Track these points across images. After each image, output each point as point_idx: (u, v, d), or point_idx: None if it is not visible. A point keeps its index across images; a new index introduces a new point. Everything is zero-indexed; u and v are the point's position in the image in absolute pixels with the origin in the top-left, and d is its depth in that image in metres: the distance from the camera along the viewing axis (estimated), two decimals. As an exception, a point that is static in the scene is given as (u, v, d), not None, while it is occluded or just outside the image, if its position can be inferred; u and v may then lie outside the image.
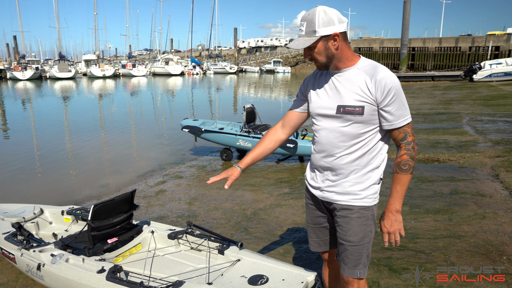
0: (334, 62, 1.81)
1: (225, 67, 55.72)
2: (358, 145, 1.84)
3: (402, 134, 1.80)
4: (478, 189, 4.99)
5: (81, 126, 13.16)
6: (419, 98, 18.21)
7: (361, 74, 1.79)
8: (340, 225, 1.92)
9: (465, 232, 3.75)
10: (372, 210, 1.90)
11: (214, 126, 8.09)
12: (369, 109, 1.77)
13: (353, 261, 1.90)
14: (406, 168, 1.79)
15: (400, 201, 1.83)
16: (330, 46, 1.77)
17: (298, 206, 4.87)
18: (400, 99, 1.76)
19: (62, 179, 7.28)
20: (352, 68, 1.82)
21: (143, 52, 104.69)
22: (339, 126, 1.83)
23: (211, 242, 2.85)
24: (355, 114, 1.78)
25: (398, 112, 1.76)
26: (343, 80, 1.82)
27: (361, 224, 1.88)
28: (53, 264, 2.69)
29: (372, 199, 1.88)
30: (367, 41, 49.01)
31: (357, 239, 1.88)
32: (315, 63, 1.85)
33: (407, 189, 1.83)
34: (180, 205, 5.32)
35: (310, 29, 1.74)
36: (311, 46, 1.78)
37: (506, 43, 37.35)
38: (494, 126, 9.60)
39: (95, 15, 62.43)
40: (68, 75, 44.36)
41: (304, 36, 1.77)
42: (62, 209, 3.74)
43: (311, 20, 1.74)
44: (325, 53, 1.78)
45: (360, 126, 1.80)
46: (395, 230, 1.84)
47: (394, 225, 1.84)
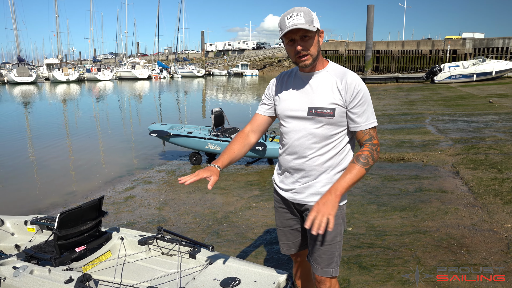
0: (317, 59, 1.82)
1: (192, 70, 55.30)
2: (329, 146, 1.86)
3: (367, 136, 1.83)
4: (440, 186, 5.20)
5: (44, 133, 12.70)
6: (384, 100, 18.75)
7: (331, 76, 1.82)
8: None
9: (429, 227, 3.90)
10: (342, 209, 1.93)
11: (183, 130, 8.03)
12: (339, 111, 1.80)
13: (326, 260, 1.92)
14: (364, 162, 1.78)
15: (344, 187, 1.74)
16: (320, 41, 1.81)
17: (268, 208, 4.91)
18: (367, 103, 1.81)
19: (24, 188, 7.00)
20: (322, 71, 1.84)
21: (108, 56, 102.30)
22: (310, 127, 1.85)
23: (182, 246, 2.83)
24: (327, 116, 1.80)
25: (364, 114, 1.81)
26: (314, 82, 1.84)
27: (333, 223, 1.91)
28: (15, 277, 2.57)
29: (342, 199, 1.90)
30: (333, 44, 50.04)
31: (330, 238, 1.90)
32: (304, 58, 1.77)
33: (354, 183, 1.77)
34: (150, 210, 5.24)
35: (309, 19, 1.72)
36: (309, 35, 1.73)
37: (462, 47, 39.15)
38: (454, 125, 10.03)
39: (56, 17, 60.09)
40: (29, 79, 42.61)
41: (303, 24, 1.69)
42: (25, 218, 3.59)
43: (308, 11, 1.73)
44: (317, 46, 1.79)
45: (331, 128, 1.83)
46: (325, 213, 1.66)
47: (326, 205, 1.68)
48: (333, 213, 1.67)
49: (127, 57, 74.40)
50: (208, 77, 55.07)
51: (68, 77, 45.41)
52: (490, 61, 27.92)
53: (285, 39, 1.77)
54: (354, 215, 4.38)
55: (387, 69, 43.45)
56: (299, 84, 1.89)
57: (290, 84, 1.93)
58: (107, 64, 64.86)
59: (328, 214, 1.66)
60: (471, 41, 39.20)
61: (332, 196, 1.71)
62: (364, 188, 5.33)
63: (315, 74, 1.85)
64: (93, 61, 64.68)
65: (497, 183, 5.05)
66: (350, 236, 3.82)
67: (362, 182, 5.58)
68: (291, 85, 1.93)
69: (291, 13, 1.72)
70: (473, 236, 3.64)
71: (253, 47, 77.28)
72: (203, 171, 1.85)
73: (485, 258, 3.22)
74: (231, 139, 7.47)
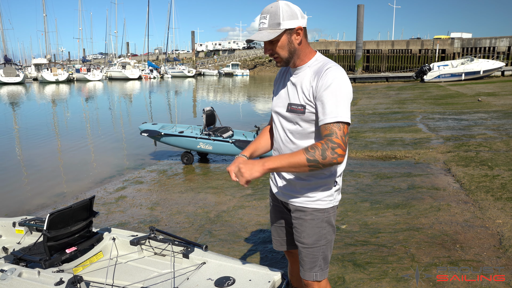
0: (294, 58, 1.75)
1: (183, 70, 55.09)
2: (308, 144, 1.74)
3: (327, 131, 1.60)
4: (432, 183, 5.22)
5: (33, 133, 12.52)
6: (375, 98, 18.86)
7: (310, 72, 1.75)
8: (295, 227, 1.89)
9: (423, 224, 3.90)
10: (327, 212, 1.84)
11: (174, 130, 7.96)
12: (310, 108, 1.71)
13: (308, 263, 1.87)
14: (310, 152, 1.57)
15: (274, 165, 1.61)
16: (293, 40, 1.71)
17: (261, 207, 4.88)
18: (337, 96, 1.62)
19: (12, 189, 6.88)
20: (304, 66, 1.77)
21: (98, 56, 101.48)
22: (288, 124, 1.81)
23: (175, 246, 2.78)
24: (299, 113, 1.74)
25: (329, 107, 1.62)
26: (296, 78, 1.79)
27: (314, 226, 1.83)
28: (3, 280, 2.50)
29: (327, 202, 1.82)
30: (323, 44, 50.26)
31: (311, 241, 1.84)
32: (276, 59, 1.77)
33: (287, 167, 1.61)
34: (141, 210, 5.17)
35: (274, 22, 1.66)
36: (274, 40, 1.69)
37: (451, 46, 39.64)
38: (444, 123, 10.11)
39: (44, 17, 59.39)
40: (16, 79, 42.04)
41: (267, 29, 1.68)
42: (14, 220, 3.51)
43: (275, 12, 1.66)
44: (288, 48, 1.71)
45: (307, 125, 1.75)
46: (242, 170, 1.61)
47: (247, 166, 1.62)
48: (246, 175, 1.60)
49: (117, 57, 73.81)
50: (198, 77, 54.91)
51: (57, 77, 44.88)
52: (478, 60, 28.28)
53: None
54: (347, 213, 4.37)
55: (377, 69, 43.75)
56: (287, 80, 1.86)
57: (283, 80, 1.91)
58: (96, 64, 64.28)
59: (241, 173, 1.61)
60: (459, 41, 39.68)
61: (258, 164, 1.61)
62: (357, 186, 5.33)
63: (300, 69, 1.79)
64: (82, 61, 64.10)
65: (488, 180, 5.09)
66: (344, 234, 3.81)
67: (354, 180, 5.59)
68: (283, 81, 1.91)
69: (261, 15, 1.70)
70: (466, 232, 3.66)
71: (244, 47, 77.19)
72: (232, 165, 1.74)
73: (478, 254, 3.23)
74: (222, 138, 7.44)
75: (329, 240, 1.87)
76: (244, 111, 18.53)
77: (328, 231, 1.86)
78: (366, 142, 8.16)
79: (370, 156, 7.09)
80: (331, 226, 1.87)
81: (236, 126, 9.19)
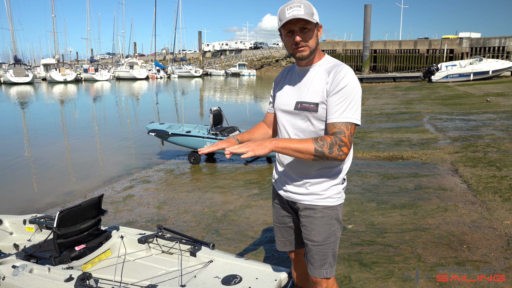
0: (315, 53, 1.79)
1: (190, 70, 55.26)
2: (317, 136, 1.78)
3: (336, 129, 1.67)
4: (439, 183, 5.20)
5: (42, 132, 12.65)
6: (382, 99, 18.78)
7: (322, 71, 1.78)
8: (304, 225, 1.91)
9: (429, 224, 3.90)
10: (336, 209, 1.87)
11: (181, 130, 8.01)
12: (323, 106, 1.74)
13: (318, 261, 1.89)
14: (319, 143, 1.64)
15: (283, 146, 1.65)
16: (319, 36, 1.78)
17: (268, 206, 4.90)
18: (350, 98, 1.68)
19: (23, 187, 6.97)
20: (315, 65, 1.81)
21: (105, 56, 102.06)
22: (297, 122, 1.83)
23: (182, 244, 2.81)
24: (311, 111, 1.76)
25: (341, 107, 1.68)
26: (306, 77, 1.82)
27: (324, 223, 1.86)
28: (15, 276, 2.55)
29: (336, 199, 1.86)
30: (330, 44, 50.06)
31: (321, 238, 1.87)
32: (301, 48, 1.74)
33: (294, 152, 1.65)
34: (149, 209, 5.22)
35: (310, 11, 1.68)
36: (308, 28, 1.70)
37: (459, 46, 39.26)
38: (452, 124, 10.05)
39: (53, 17, 59.86)
40: (26, 79, 42.46)
41: (303, 15, 1.66)
42: (24, 218, 3.57)
43: (309, 4, 1.70)
44: (315, 40, 1.75)
45: (318, 123, 1.78)
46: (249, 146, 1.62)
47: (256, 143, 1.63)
48: (255, 151, 1.59)
49: (124, 57, 74.21)
50: (205, 77, 55.00)
51: (66, 77, 45.26)
52: (487, 60, 28.01)
53: (283, 30, 1.74)
54: (354, 212, 4.38)
55: (384, 69, 43.51)
56: (294, 79, 1.88)
57: (288, 79, 1.93)
58: (104, 64, 64.67)
59: (249, 149, 1.60)
60: (468, 41, 39.31)
61: (266, 142, 1.63)
62: (364, 186, 5.33)
63: (309, 68, 1.82)
64: (90, 61, 64.47)
65: (496, 181, 5.06)
66: (351, 234, 3.82)
67: (361, 180, 5.59)
68: (288, 80, 1.93)
69: (291, 4, 1.68)
70: (473, 233, 3.65)
71: (251, 47, 77.27)
72: (222, 142, 1.78)
73: (486, 254, 3.22)
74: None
75: (337, 237, 1.92)
76: (251, 111, 18.55)
77: (337, 228, 1.90)
78: (373, 143, 8.14)
79: (377, 157, 7.08)
80: (340, 223, 1.92)
81: (243, 126, 9.21)
